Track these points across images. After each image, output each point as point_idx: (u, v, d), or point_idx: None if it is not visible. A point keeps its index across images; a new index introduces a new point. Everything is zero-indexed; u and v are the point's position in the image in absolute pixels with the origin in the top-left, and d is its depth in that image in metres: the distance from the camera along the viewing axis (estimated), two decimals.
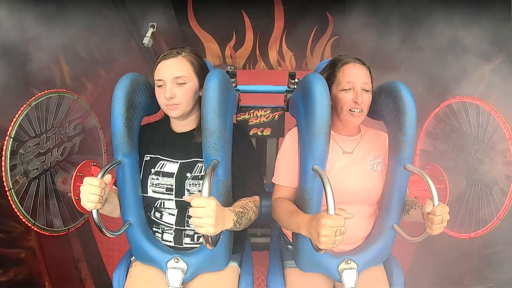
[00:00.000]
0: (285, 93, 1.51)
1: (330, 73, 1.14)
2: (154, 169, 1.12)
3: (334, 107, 1.13)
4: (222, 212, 0.88)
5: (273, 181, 1.19)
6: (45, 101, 1.10)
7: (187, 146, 1.12)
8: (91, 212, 0.93)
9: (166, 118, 1.19)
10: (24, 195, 1.04)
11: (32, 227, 1.06)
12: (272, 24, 2.66)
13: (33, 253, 1.38)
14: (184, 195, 1.09)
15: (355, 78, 1.09)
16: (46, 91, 1.11)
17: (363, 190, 1.14)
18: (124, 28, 2.21)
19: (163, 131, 1.18)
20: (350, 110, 1.09)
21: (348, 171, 1.14)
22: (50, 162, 1.14)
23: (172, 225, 1.12)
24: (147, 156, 1.14)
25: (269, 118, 1.59)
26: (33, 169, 1.08)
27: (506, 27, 1.28)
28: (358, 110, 1.09)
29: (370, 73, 1.13)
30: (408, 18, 1.92)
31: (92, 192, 0.89)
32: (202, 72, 1.10)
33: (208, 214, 0.82)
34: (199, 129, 1.11)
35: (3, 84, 1.19)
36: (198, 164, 1.11)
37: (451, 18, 1.58)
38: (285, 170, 1.16)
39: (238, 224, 0.96)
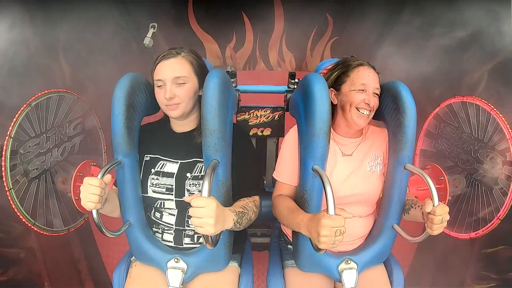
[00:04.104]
0: (285, 93, 1.51)
1: (342, 73, 1.14)
2: (154, 169, 1.12)
3: (341, 106, 1.13)
4: (222, 212, 0.88)
5: (274, 176, 1.19)
6: (45, 101, 1.10)
7: (187, 146, 1.12)
8: (91, 212, 0.93)
9: (166, 118, 1.19)
10: (24, 195, 1.04)
11: (32, 227, 1.06)
12: (272, 25, 2.67)
13: (32, 253, 1.38)
14: (184, 195, 1.09)
15: (369, 81, 1.10)
16: (46, 91, 1.11)
17: (361, 192, 1.14)
18: (125, 28, 2.22)
19: (163, 131, 1.18)
20: (358, 109, 1.09)
21: (346, 174, 1.14)
22: (50, 162, 1.15)
23: (172, 225, 1.12)
24: (147, 156, 1.14)
25: (269, 118, 1.59)
26: (33, 169, 1.08)
27: (506, 27, 1.28)
28: (367, 112, 1.09)
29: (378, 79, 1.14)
30: (408, 19, 1.92)
31: (92, 192, 0.89)
32: (201, 72, 1.10)
33: (208, 214, 0.82)
34: (199, 129, 1.11)
35: (3, 84, 1.19)
36: (198, 164, 1.11)
37: (451, 18, 1.59)
38: (286, 168, 1.15)
39: (238, 224, 0.96)
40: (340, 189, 1.10)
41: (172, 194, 1.10)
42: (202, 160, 1.05)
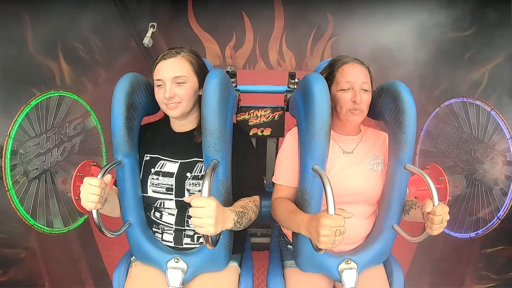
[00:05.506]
0: (285, 93, 1.51)
1: (329, 73, 1.14)
2: (154, 169, 1.12)
3: (334, 107, 1.13)
4: (222, 212, 0.88)
5: (273, 181, 1.19)
6: (45, 101, 1.10)
7: (187, 146, 1.12)
8: (91, 212, 0.93)
9: (166, 118, 1.19)
10: (24, 195, 1.04)
11: (32, 227, 1.06)
12: (272, 24, 2.68)
13: (33, 253, 1.38)
14: (184, 195, 1.09)
15: (354, 78, 1.09)
16: (46, 91, 1.11)
17: (363, 190, 1.14)
18: (124, 28, 2.22)
19: (163, 131, 1.18)
20: (350, 110, 1.09)
21: (348, 171, 1.14)
22: (50, 162, 1.15)
23: (172, 225, 1.12)
24: (147, 156, 1.14)
25: (269, 118, 1.59)
26: (33, 169, 1.08)
27: (506, 27, 1.28)
28: (358, 110, 1.09)
29: (369, 72, 1.13)
30: (407, 18, 1.92)
31: (92, 192, 0.89)
32: (201, 71, 1.10)
33: (208, 214, 0.82)
34: (199, 129, 1.11)
35: (4, 83, 1.19)
36: (198, 164, 1.11)
37: (451, 18, 1.59)
38: (285, 170, 1.16)
39: (238, 224, 0.96)
40: (341, 186, 1.10)
41: (172, 194, 1.10)
42: (202, 160, 1.06)
